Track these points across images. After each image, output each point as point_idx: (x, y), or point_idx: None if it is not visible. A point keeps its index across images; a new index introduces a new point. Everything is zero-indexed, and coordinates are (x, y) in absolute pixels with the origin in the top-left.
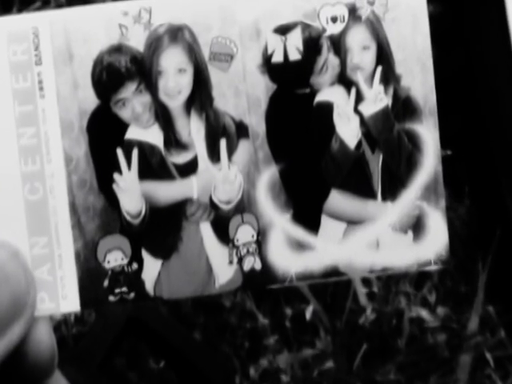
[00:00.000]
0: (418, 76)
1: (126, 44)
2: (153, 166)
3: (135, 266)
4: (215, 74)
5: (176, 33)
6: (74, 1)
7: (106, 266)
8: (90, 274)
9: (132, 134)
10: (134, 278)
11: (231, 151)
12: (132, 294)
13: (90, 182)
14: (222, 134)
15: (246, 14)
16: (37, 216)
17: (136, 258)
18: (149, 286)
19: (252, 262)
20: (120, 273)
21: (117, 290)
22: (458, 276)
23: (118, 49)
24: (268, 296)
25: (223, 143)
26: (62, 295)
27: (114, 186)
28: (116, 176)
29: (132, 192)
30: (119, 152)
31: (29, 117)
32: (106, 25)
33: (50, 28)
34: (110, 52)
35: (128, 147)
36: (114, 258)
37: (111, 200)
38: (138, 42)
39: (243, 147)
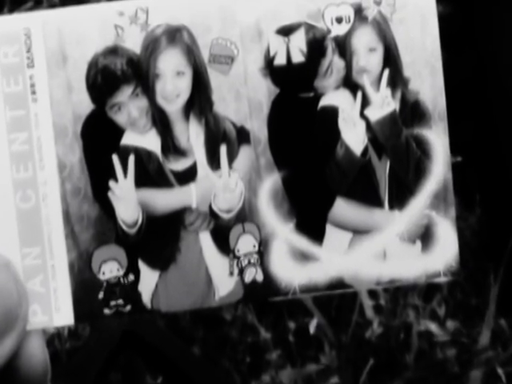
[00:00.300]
0: (427, 79)
1: (122, 46)
2: (150, 173)
3: (131, 277)
4: (215, 77)
5: (174, 34)
6: (68, 0)
7: (101, 277)
8: (85, 286)
9: (128, 139)
10: (130, 290)
11: (232, 158)
12: (128, 307)
13: (84, 190)
14: (223, 139)
15: (247, 14)
16: (29, 225)
17: (132, 269)
18: (146, 298)
19: (253, 274)
20: (116, 284)
21: (112, 303)
22: (469, 288)
23: (113, 51)
24: (270, 309)
25: (223, 149)
26: (55, 308)
27: (110, 194)
28: (111, 183)
29: (128, 200)
30: (115, 158)
31: (20, 122)
32: (101, 26)
33: (43, 29)
34: (105, 54)
35: (124, 153)
36: (110, 269)
37: (106, 209)
38: (134, 43)
39: (244, 153)
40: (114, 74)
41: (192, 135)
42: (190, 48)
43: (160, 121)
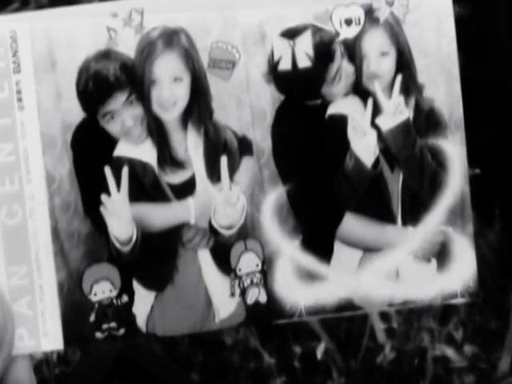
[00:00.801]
0: (443, 85)
1: (115, 49)
2: (145, 187)
3: (125, 298)
4: (215, 84)
5: (171, 37)
6: (57, 1)
7: (93, 298)
8: (75, 308)
9: (122, 150)
10: (123, 312)
11: (233, 170)
12: (122, 330)
13: (74, 205)
14: (223, 150)
15: (250, 15)
16: (15, 242)
17: (126, 289)
18: (140, 321)
19: (256, 294)
20: (108, 306)
21: (104, 326)
22: (488, 310)
23: (105, 55)
24: (274, 332)
25: (224, 161)
26: (43, 331)
27: (102, 209)
28: (104, 198)
29: (122, 215)
30: (107, 170)
31: (6, 131)
32: (93, 28)
33: (30, 31)
34: (97, 58)
35: (117, 165)
36: (102, 289)
37: (98, 224)
38: (128, 47)
39: (246, 165)
40: (106, 80)
41: (190, 146)
42: (188, 52)
43: (156, 130)
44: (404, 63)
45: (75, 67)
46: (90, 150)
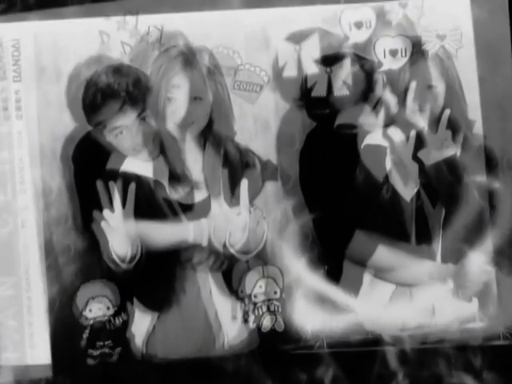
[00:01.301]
0: (496, 123)
1: (108, 55)
2: (153, 204)
3: (123, 317)
4: (215, 90)
5: (193, 56)
6: (45, 3)
7: (88, 315)
8: (66, 325)
9: (129, 166)
10: (119, 333)
11: (254, 194)
12: (117, 352)
13: (71, 218)
14: (243, 173)
15: (253, 18)
16: (4, 253)
17: (123, 308)
18: (138, 343)
19: (273, 322)
20: (103, 326)
21: (99, 344)
22: (508, 335)
23: (98, 60)
24: (279, 358)
25: (244, 184)
26: (29, 344)
27: (103, 224)
28: (105, 212)
29: (118, 231)
30: (112, 185)
31: (0, 140)
32: (84, 32)
33: (17, 35)
34: (88, 64)
35: (124, 181)
36: (97, 307)
37: (95, 239)
38: (121, 51)
39: (269, 190)
40: (100, 88)
41: (207, 166)
42: (210, 71)
43: (169, 148)
44: (453, 98)
45: (66, 74)
46: (90, 162)
